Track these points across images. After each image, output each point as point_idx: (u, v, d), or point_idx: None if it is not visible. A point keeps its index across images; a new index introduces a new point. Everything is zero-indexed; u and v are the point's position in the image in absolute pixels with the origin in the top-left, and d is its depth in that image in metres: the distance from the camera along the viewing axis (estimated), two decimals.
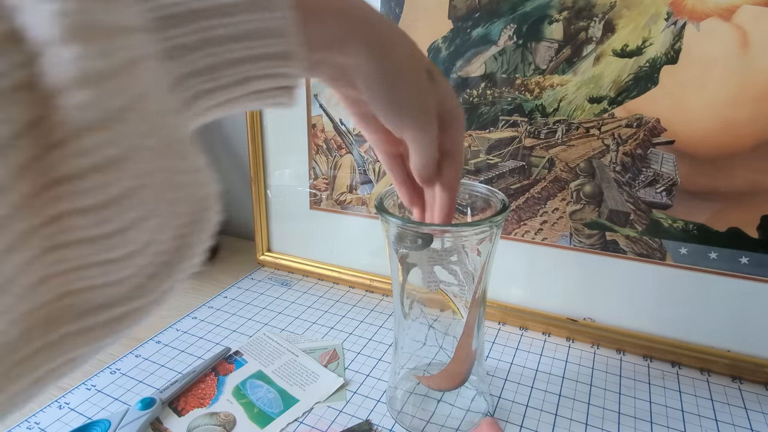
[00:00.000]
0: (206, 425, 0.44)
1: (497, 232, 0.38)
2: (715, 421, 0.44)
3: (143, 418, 0.43)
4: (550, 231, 0.55)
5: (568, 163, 0.52)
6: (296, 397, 0.47)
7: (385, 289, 0.65)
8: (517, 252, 0.57)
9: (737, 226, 0.47)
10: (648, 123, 0.48)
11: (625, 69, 0.47)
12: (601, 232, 0.52)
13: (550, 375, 0.50)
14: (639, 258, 0.51)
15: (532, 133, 0.53)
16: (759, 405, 0.46)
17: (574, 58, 0.49)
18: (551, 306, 0.57)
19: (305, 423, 0.44)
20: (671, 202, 0.49)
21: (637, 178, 0.50)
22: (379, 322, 0.60)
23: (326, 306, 0.64)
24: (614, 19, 0.47)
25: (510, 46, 0.51)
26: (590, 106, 0.50)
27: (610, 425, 0.44)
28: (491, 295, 0.58)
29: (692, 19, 0.44)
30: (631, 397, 0.47)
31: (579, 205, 0.53)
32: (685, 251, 0.49)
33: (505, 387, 0.48)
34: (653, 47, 0.46)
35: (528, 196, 0.55)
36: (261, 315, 0.62)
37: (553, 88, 0.51)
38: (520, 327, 0.58)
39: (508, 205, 0.37)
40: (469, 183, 0.43)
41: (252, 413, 0.45)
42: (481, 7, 0.51)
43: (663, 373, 0.51)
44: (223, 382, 0.49)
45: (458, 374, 0.43)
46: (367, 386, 0.49)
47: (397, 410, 0.45)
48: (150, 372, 0.51)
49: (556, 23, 0.49)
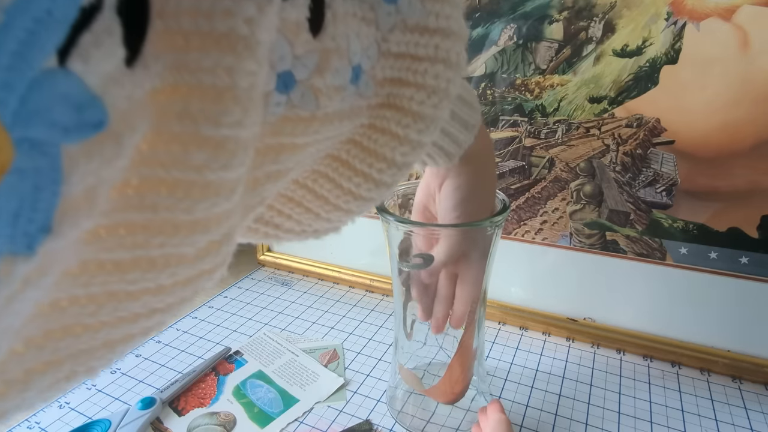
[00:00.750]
0: (206, 425, 0.44)
1: (497, 232, 0.38)
2: (715, 421, 0.44)
3: (143, 418, 0.43)
4: (550, 231, 0.55)
5: (568, 163, 0.52)
6: (296, 396, 0.47)
7: (385, 289, 0.65)
8: (517, 252, 0.57)
9: (737, 226, 0.47)
10: (648, 123, 0.48)
11: (625, 69, 0.47)
12: (601, 232, 0.52)
13: (550, 375, 0.50)
14: (639, 258, 0.51)
15: (532, 133, 0.53)
16: (759, 405, 0.46)
17: (574, 58, 0.49)
18: (551, 306, 0.57)
19: (305, 423, 0.44)
20: (671, 202, 0.49)
21: (637, 178, 0.50)
22: (379, 322, 0.60)
23: (326, 306, 0.64)
24: (614, 19, 0.47)
25: (510, 46, 0.51)
26: (590, 106, 0.50)
27: (610, 425, 0.44)
28: (491, 295, 0.58)
29: (692, 19, 0.44)
30: (631, 397, 0.47)
31: (579, 205, 0.53)
32: (685, 251, 0.49)
33: (505, 387, 0.48)
34: (653, 47, 0.46)
35: (528, 196, 0.55)
36: (261, 315, 0.62)
37: (553, 88, 0.51)
38: (520, 327, 0.58)
39: (509, 205, 0.37)
40: None
41: (252, 413, 0.45)
42: (481, 7, 0.51)
43: (663, 373, 0.51)
44: (223, 382, 0.49)
45: (449, 393, 0.42)
46: (367, 386, 0.49)
47: (397, 410, 0.45)
48: (150, 372, 0.51)
49: (556, 23, 0.49)
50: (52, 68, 0.10)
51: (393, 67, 0.22)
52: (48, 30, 0.10)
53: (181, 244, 0.15)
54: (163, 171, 0.14)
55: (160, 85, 0.13)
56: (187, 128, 0.14)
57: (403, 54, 0.22)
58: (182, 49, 0.13)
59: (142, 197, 0.14)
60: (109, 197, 0.13)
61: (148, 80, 0.13)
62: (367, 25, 0.20)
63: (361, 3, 0.20)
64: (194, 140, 0.14)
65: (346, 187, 0.23)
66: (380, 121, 0.22)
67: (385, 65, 0.21)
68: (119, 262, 0.14)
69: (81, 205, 0.12)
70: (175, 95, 0.14)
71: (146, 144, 0.14)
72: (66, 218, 0.11)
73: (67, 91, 0.11)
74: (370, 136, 0.23)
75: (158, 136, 0.14)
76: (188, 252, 0.15)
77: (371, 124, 0.22)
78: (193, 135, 0.14)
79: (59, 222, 0.11)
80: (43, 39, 0.10)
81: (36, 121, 0.10)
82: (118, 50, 0.12)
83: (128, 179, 0.14)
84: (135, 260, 0.15)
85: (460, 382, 0.42)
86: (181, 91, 0.14)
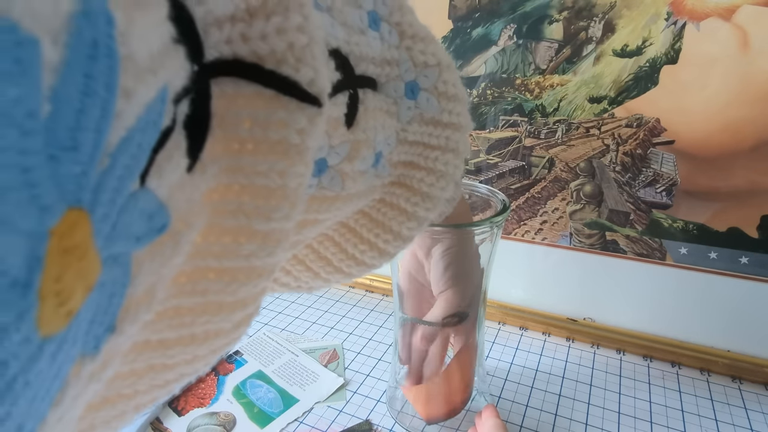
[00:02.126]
0: (206, 425, 0.44)
1: (497, 233, 0.38)
2: (715, 421, 0.44)
3: (143, 418, 0.43)
4: (550, 231, 0.55)
5: (568, 162, 0.52)
6: (296, 396, 0.47)
7: (385, 289, 0.65)
8: (517, 252, 0.57)
9: (737, 226, 0.47)
10: (648, 123, 0.48)
11: (625, 69, 0.47)
12: (601, 232, 0.52)
13: (550, 375, 0.50)
14: (639, 258, 0.51)
15: (532, 132, 0.53)
16: (759, 405, 0.46)
17: (574, 58, 0.49)
18: (551, 306, 0.57)
19: (305, 423, 0.44)
20: (671, 202, 0.49)
21: (637, 178, 0.50)
22: (379, 322, 0.60)
23: (326, 306, 0.64)
24: (614, 19, 0.47)
25: (510, 46, 0.51)
26: (590, 106, 0.50)
27: (610, 425, 0.44)
28: (491, 295, 0.58)
29: (692, 19, 0.44)
30: (631, 397, 0.47)
31: (579, 205, 0.53)
32: (685, 251, 0.49)
33: (505, 387, 0.48)
34: (653, 47, 0.46)
35: (528, 196, 0.55)
36: (261, 315, 0.62)
37: (553, 88, 0.51)
38: (520, 327, 0.58)
39: (509, 206, 0.37)
40: (470, 183, 0.43)
41: (252, 413, 0.45)
42: (481, 7, 0.51)
43: (663, 373, 0.51)
44: (223, 382, 0.49)
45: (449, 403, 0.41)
46: (367, 386, 0.49)
47: (397, 410, 0.45)
48: None
49: (556, 23, 0.49)
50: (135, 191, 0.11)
51: (408, 153, 0.24)
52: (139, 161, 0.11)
53: (222, 321, 0.16)
54: (215, 261, 0.15)
55: (215, 185, 0.14)
56: (241, 222, 0.15)
57: (418, 142, 0.24)
58: (237, 153, 0.14)
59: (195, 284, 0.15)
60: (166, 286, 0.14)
61: (205, 182, 0.14)
62: (390, 118, 0.22)
63: (386, 98, 0.22)
64: (246, 233, 0.15)
65: (351, 253, 0.25)
66: (391, 197, 0.25)
67: (401, 151, 0.24)
68: (164, 341, 0.15)
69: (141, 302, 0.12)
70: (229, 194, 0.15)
71: (200, 237, 0.15)
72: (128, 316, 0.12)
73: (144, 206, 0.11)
74: (380, 209, 0.25)
75: (211, 229, 0.15)
76: (226, 327, 0.17)
77: (382, 199, 0.25)
78: (246, 228, 0.15)
79: (122, 320, 0.12)
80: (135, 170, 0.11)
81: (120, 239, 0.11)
82: (183, 161, 0.13)
83: (182, 269, 0.15)
84: (179, 338, 0.16)
85: (460, 391, 0.41)
86: (234, 190, 0.15)
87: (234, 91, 0.14)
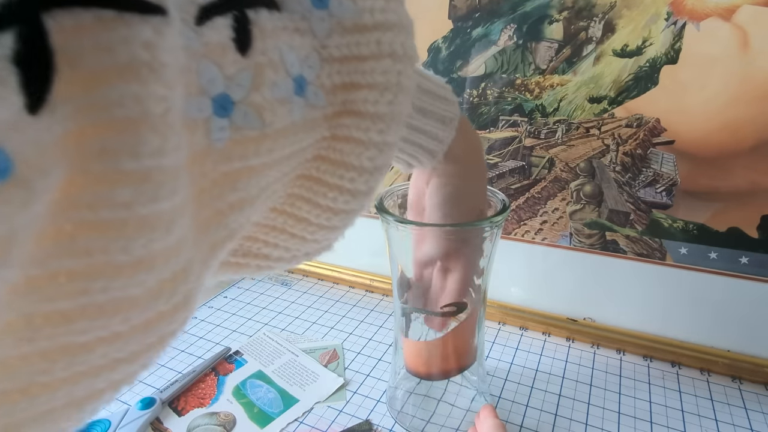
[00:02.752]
0: (206, 425, 0.44)
1: (497, 232, 0.38)
2: (715, 421, 0.44)
3: (143, 418, 0.43)
4: (550, 231, 0.55)
5: (568, 163, 0.52)
6: (296, 397, 0.47)
7: (385, 289, 0.65)
8: (517, 252, 0.57)
9: (737, 226, 0.47)
10: (648, 123, 0.48)
11: (625, 69, 0.47)
12: (601, 232, 0.52)
13: (550, 375, 0.50)
14: (639, 258, 0.51)
15: (532, 133, 0.53)
16: (759, 405, 0.46)
17: (574, 58, 0.49)
18: (551, 306, 0.57)
19: (305, 423, 0.44)
20: (671, 202, 0.49)
21: (637, 178, 0.50)
22: (379, 322, 0.60)
23: (326, 306, 0.64)
24: (614, 19, 0.47)
25: (510, 46, 0.51)
26: (590, 106, 0.50)
27: (610, 425, 0.44)
28: (491, 295, 0.58)
29: (692, 19, 0.44)
30: (631, 397, 0.47)
31: (579, 205, 0.53)
32: (685, 251, 0.49)
33: (505, 387, 0.48)
34: (653, 47, 0.46)
35: (528, 196, 0.55)
36: (261, 315, 0.62)
37: (553, 88, 0.51)
38: (520, 327, 0.58)
39: (509, 206, 0.37)
40: None
41: (252, 413, 0.45)
42: (481, 7, 0.51)
43: (663, 373, 0.51)
44: (223, 382, 0.49)
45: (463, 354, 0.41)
46: (367, 386, 0.49)
47: (397, 410, 0.45)
48: (150, 371, 0.51)
49: (556, 23, 0.49)
50: None
51: (340, 72, 0.21)
52: None
53: (126, 287, 0.15)
54: (92, 213, 0.14)
55: (74, 127, 0.13)
56: (108, 165, 0.14)
57: (347, 57, 0.21)
58: (91, 88, 0.13)
59: (74, 242, 0.14)
60: (43, 245, 0.13)
61: (58, 124, 0.13)
62: (301, 35, 0.20)
63: (292, 14, 0.20)
64: (116, 176, 0.14)
65: (324, 204, 0.23)
66: (340, 129, 0.22)
67: (331, 71, 0.21)
68: (64, 312, 0.14)
69: None
70: (90, 134, 0.13)
71: (74, 187, 0.13)
72: None
73: None
74: (335, 148, 0.22)
75: (83, 177, 0.14)
76: (137, 293, 0.15)
77: (333, 135, 0.22)
78: (115, 171, 0.14)
79: None
80: None
81: None
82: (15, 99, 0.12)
83: (61, 226, 0.14)
84: (81, 308, 0.14)
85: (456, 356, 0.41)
86: (94, 129, 0.13)
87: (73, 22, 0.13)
